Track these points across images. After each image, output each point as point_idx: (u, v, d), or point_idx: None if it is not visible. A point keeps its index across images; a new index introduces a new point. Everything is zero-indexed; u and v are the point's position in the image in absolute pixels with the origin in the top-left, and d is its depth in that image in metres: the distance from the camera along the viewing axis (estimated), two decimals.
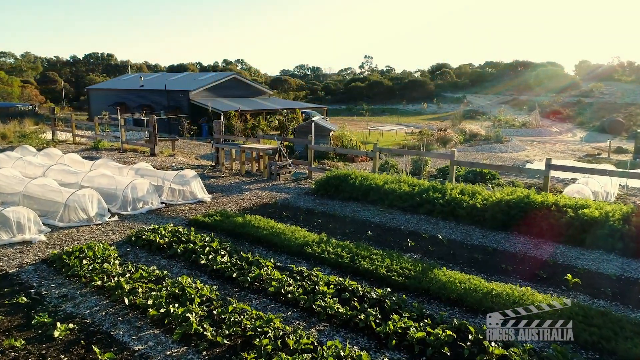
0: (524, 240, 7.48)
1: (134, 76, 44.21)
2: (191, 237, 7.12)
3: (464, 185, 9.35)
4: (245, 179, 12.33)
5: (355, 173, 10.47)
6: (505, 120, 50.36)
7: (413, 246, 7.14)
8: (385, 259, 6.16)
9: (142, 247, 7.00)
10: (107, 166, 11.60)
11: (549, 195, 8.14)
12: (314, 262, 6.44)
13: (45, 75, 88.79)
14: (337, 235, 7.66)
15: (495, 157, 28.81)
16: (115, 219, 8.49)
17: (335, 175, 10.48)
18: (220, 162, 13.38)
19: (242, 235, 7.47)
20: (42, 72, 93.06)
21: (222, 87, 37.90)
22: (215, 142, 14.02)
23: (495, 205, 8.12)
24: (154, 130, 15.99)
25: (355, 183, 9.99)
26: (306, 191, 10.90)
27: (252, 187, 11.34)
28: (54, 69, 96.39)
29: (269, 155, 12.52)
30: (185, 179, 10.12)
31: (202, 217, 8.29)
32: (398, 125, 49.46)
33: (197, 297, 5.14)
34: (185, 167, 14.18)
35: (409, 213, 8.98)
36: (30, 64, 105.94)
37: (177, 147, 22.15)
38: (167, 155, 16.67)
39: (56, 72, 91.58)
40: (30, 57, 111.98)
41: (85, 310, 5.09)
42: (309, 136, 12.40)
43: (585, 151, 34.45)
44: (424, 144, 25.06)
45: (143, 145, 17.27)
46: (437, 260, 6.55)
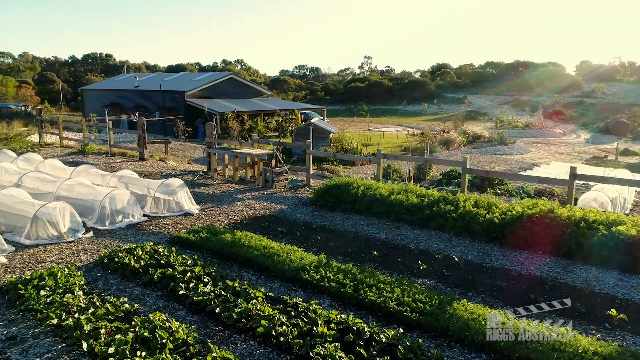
0: (550, 262, 6.59)
1: (129, 76, 43.27)
2: (171, 259, 6.22)
3: (477, 196, 8.47)
4: (238, 187, 11.43)
5: (358, 182, 9.56)
6: (507, 121, 49.54)
7: (425, 270, 6.25)
8: (395, 289, 5.27)
9: (115, 271, 6.10)
10: (88, 173, 10.71)
11: (575, 210, 7.26)
12: (312, 291, 5.55)
13: (43, 76, 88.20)
14: (338, 256, 6.77)
15: (500, 159, 27.95)
16: (89, 235, 7.59)
17: (335, 184, 9.58)
18: (212, 167, 12.49)
19: (231, 256, 6.58)
20: (40, 72, 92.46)
21: (219, 87, 36.99)
22: (207, 146, 13.13)
23: (515, 221, 7.23)
24: (143, 134, 15.09)
25: (358, 193, 9.09)
26: (304, 201, 10.00)
27: (245, 197, 10.44)
28: (53, 69, 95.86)
29: (264, 161, 11.62)
30: (171, 188, 9.23)
31: (187, 233, 7.39)
32: (399, 126, 48.59)
33: (170, 342, 4.24)
34: (175, 173, 13.29)
35: (418, 228, 8.08)
36: (28, 64, 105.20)
37: (171, 150, 21.27)
38: (158, 159, 15.77)
39: (54, 73, 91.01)
40: (29, 57, 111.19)
41: (35, 358, 4.19)
42: (307, 141, 11.51)
43: (591, 153, 33.61)
44: (427, 146, 24.20)
45: (132, 149, 16.37)
46: (455, 289, 5.67)
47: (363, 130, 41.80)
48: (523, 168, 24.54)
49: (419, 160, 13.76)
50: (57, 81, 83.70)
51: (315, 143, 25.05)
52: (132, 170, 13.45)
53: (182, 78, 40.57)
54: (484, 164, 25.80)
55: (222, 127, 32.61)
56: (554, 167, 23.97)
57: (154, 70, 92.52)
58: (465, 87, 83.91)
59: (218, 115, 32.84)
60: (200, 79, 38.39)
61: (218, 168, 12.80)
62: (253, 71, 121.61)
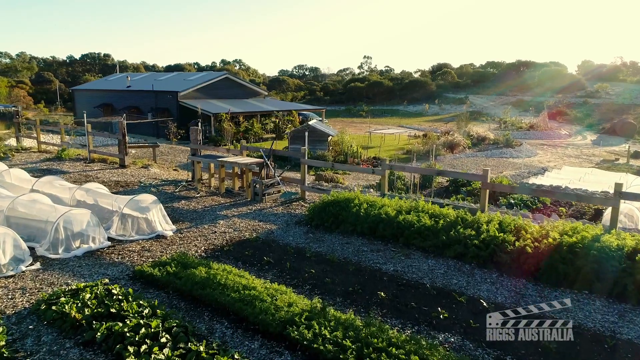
0: (602, 307, 5.28)
1: (121, 76, 41.85)
2: (124, 305, 4.90)
3: (500, 216, 7.16)
4: (224, 201, 10.11)
5: (360, 197, 8.24)
6: (511, 122, 48.32)
7: (446, 319, 4.93)
8: (412, 356, 3.96)
9: (53, 322, 4.78)
10: (52, 186, 9.39)
11: (626, 238, 5.95)
12: (302, 355, 4.24)
13: (40, 76, 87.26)
14: (337, 296, 5.46)
15: (507, 163, 26.65)
16: (36, 267, 6.27)
17: (334, 200, 8.25)
18: (197, 177, 11.16)
19: (202, 299, 5.26)
20: (38, 72, 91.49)
21: (213, 87, 35.64)
22: (191, 153, 11.81)
23: (553, 252, 5.92)
24: (123, 138, 13.77)
25: (360, 212, 7.77)
26: (297, 219, 8.67)
27: (230, 213, 9.12)
28: (50, 69, 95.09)
29: (253, 171, 10.30)
30: (142, 205, 7.90)
31: (152, 266, 6.06)
32: (400, 127, 47.31)
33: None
34: (157, 182, 11.97)
35: (432, 256, 6.77)
36: (26, 64, 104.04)
37: (160, 154, 19.97)
38: (141, 166, 14.45)
39: (52, 73, 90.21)
40: (26, 57, 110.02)
41: None
42: (302, 148, 10.19)
43: (600, 156, 32.35)
44: (432, 150, 22.87)
45: (113, 154, 15.04)
46: (490, 352, 4.35)
47: (363, 132, 40.51)
48: (533, 173, 23.25)
49: (430, 172, 12.44)
50: (55, 81, 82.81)
51: (313, 146, 23.71)
52: (110, 179, 12.16)
53: (176, 78, 39.20)
54: (492, 168, 24.49)
55: (216, 129, 31.30)
56: (566, 173, 22.67)
57: (153, 70, 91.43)
58: (466, 87, 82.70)
59: (212, 116, 31.53)
60: (194, 78, 37.05)
61: (203, 177, 11.49)
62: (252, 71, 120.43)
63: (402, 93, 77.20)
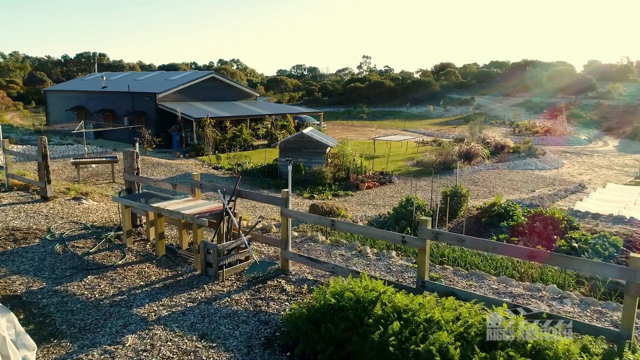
0: None
1: (97, 76, 37.94)
2: None
3: None
4: (156, 276, 6.32)
5: (384, 299, 4.41)
6: (524, 125, 44.72)
7: None
8: None
9: None
10: None
11: None
12: None
13: (33, 75, 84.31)
14: None
15: (534, 176, 22.92)
16: None
17: (337, 305, 4.39)
18: (125, 228, 7.36)
19: None
20: (31, 72, 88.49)
21: (197, 88, 31.85)
22: (126, 187, 8.05)
23: None
24: (44, 160, 9.99)
25: (384, 338, 3.98)
26: (270, 333, 4.88)
27: (156, 310, 5.33)
28: (44, 69, 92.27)
29: (208, 225, 6.55)
30: None
31: None
32: (404, 131, 43.58)
33: None
34: (74, 230, 8.18)
35: None
36: (18, 64, 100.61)
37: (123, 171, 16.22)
38: (73, 196, 10.68)
39: (45, 72, 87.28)
40: (19, 57, 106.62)
41: None
42: (284, 191, 6.36)
43: (633, 166, 28.64)
44: (453, 161, 19.13)
45: (37, 183, 11.21)
46: None
47: (365, 137, 36.79)
48: (570, 191, 19.51)
49: (486, 247, 8.72)
50: (48, 81, 79.66)
51: (308, 159, 19.95)
52: (7, 224, 8.35)
53: (156, 78, 35.35)
54: (521, 185, 20.74)
55: (199, 135, 27.53)
56: (612, 191, 18.85)
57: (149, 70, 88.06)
58: (470, 87, 79.21)
59: (194, 121, 27.78)
60: (176, 79, 33.23)
61: (142, 221, 7.75)
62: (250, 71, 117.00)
63: (404, 94, 73.62)
